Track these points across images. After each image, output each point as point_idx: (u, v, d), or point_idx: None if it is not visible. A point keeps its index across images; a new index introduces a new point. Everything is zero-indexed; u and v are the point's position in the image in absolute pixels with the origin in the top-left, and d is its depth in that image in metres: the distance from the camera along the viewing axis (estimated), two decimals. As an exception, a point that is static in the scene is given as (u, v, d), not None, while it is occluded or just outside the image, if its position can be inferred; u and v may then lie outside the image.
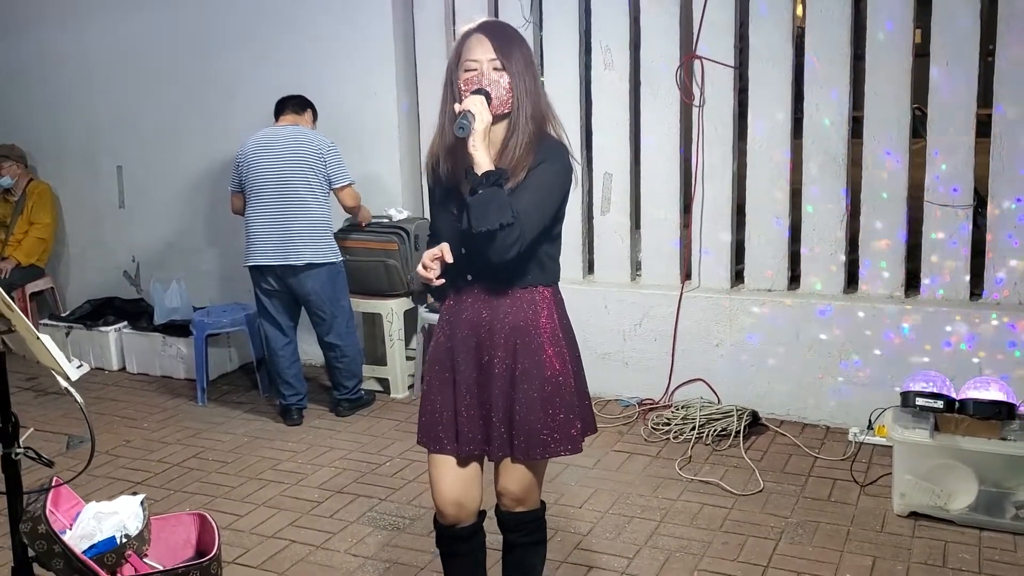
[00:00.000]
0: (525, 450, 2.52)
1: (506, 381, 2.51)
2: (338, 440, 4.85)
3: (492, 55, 2.41)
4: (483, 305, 2.54)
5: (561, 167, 2.49)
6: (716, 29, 4.79)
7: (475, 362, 2.55)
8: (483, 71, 2.41)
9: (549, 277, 2.58)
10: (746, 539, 3.66)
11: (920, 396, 3.77)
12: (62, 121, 6.75)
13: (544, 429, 2.51)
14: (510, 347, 2.51)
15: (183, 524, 3.01)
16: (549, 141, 2.51)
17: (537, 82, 2.48)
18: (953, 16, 4.33)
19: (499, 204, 2.32)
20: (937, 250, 4.54)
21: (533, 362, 2.50)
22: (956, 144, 4.41)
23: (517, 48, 2.44)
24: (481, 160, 2.35)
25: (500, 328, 2.51)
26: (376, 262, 5.29)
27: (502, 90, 2.41)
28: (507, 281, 2.51)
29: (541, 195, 2.43)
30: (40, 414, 5.30)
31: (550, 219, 2.49)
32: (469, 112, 2.34)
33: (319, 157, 4.87)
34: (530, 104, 2.45)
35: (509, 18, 5.25)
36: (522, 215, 2.36)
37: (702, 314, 4.95)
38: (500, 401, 2.52)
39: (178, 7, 6.10)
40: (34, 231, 6.57)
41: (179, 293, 5.99)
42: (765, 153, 4.80)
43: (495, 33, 2.44)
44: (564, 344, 2.57)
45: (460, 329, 2.56)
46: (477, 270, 2.51)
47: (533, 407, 2.50)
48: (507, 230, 2.33)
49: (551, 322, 2.55)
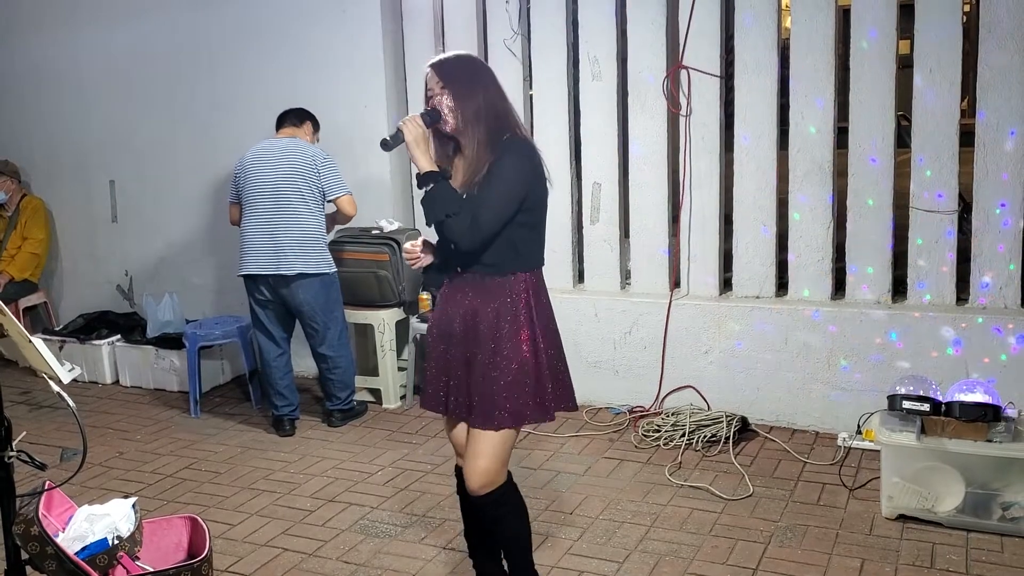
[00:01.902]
0: (477, 417, 2.84)
1: (486, 358, 2.82)
2: (330, 450, 4.87)
3: (438, 80, 2.82)
4: (470, 291, 2.87)
5: (516, 161, 2.77)
6: (702, 40, 4.85)
7: (460, 340, 2.87)
8: (435, 94, 2.83)
9: (525, 263, 2.86)
10: (735, 543, 3.69)
11: (906, 399, 3.80)
12: (55, 136, 6.79)
13: (499, 402, 2.81)
14: (491, 329, 2.82)
15: (174, 527, 3.02)
16: (509, 140, 2.80)
17: (488, 94, 2.81)
18: (935, 25, 4.39)
19: (443, 198, 2.75)
20: (923, 256, 4.58)
21: (509, 344, 2.81)
22: (940, 150, 4.46)
23: (460, 71, 2.84)
24: (420, 163, 2.79)
25: (483, 312, 2.83)
26: (367, 273, 5.33)
27: (446, 106, 2.80)
28: (488, 268, 2.83)
29: (498, 186, 2.74)
30: (34, 427, 5.31)
31: (513, 206, 2.77)
32: (398, 129, 2.80)
33: (313, 168, 4.90)
34: (476, 112, 2.78)
35: (498, 30, 5.32)
36: (477, 205, 2.72)
37: (691, 322, 4.99)
38: (476, 376, 2.84)
39: (171, 21, 6.15)
40: (27, 246, 6.59)
41: (172, 306, 6.01)
42: (752, 162, 4.85)
43: (441, 66, 2.86)
44: (538, 327, 2.86)
45: (452, 313, 2.90)
46: (462, 261, 2.86)
47: (496, 383, 2.80)
48: (455, 218, 2.73)
49: (527, 307, 2.84)
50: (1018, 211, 4.38)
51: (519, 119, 2.92)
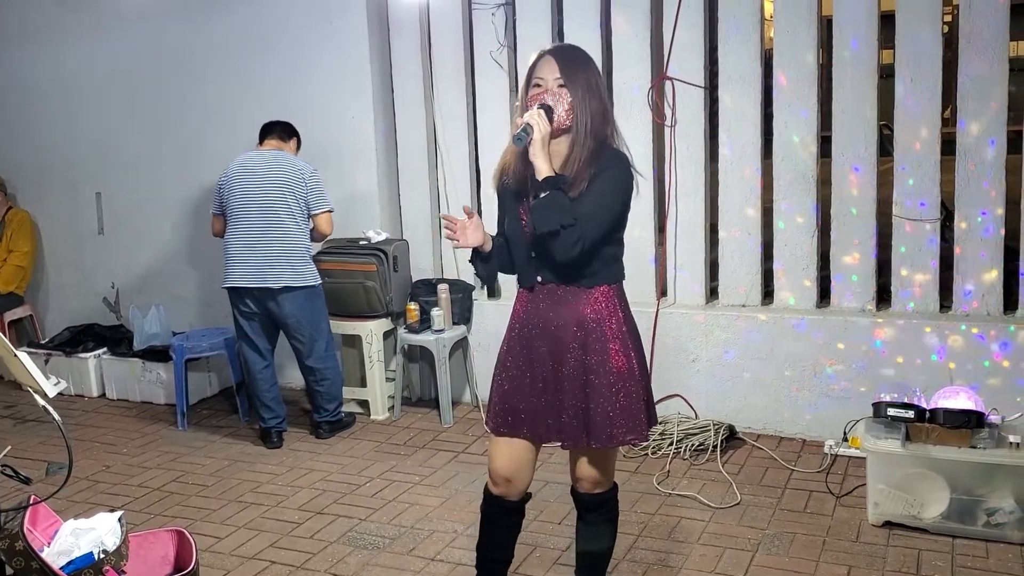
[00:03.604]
0: (597, 438, 2.72)
1: (578, 375, 2.72)
2: (318, 462, 4.86)
3: (557, 74, 2.65)
4: (553, 303, 2.75)
5: (620, 175, 2.69)
6: (686, 51, 4.88)
7: (548, 357, 2.76)
8: (548, 88, 2.65)
9: (613, 276, 2.78)
10: (723, 551, 3.70)
11: (891, 406, 3.83)
12: (41, 148, 6.77)
13: (614, 419, 2.71)
14: (579, 343, 2.72)
15: (161, 541, 3.02)
16: (610, 152, 2.70)
17: (602, 101, 2.70)
18: (916, 35, 4.43)
19: (560, 207, 2.56)
20: (907, 264, 4.62)
21: (600, 357, 2.71)
22: (922, 159, 4.50)
23: (582, 70, 2.67)
24: (542, 167, 2.58)
25: (568, 325, 2.72)
26: (355, 284, 5.33)
27: (564, 105, 2.63)
28: (574, 281, 2.72)
29: (602, 200, 2.64)
30: (19, 441, 5.28)
31: (612, 222, 2.69)
32: (528, 125, 2.57)
33: (301, 182, 4.90)
34: (591, 120, 2.65)
35: (484, 42, 5.34)
36: (584, 218, 2.58)
37: (678, 330, 5.00)
38: (571, 393, 2.73)
39: (158, 34, 6.15)
40: (13, 259, 6.57)
41: (158, 318, 5.99)
42: (736, 172, 4.88)
43: (563, 55, 2.69)
44: (628, 339, 2.76)
45: (533, 326, 2.78)
46: (546, 271, 2.73)
47: (601, 399, 2.70)
48: (568, 231, 2.56)
49: (616, 319, 2.75)
50: (999, 219, 4.42)
51: (616, 124, 2.79)
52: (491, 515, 2.99)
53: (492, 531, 3.01)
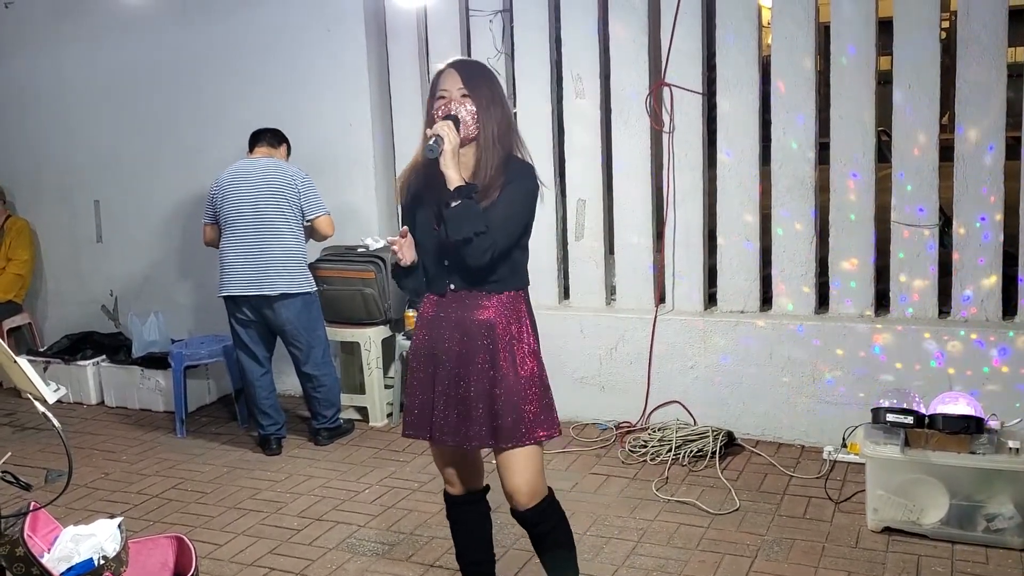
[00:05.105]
0: (506, 439, 2.76)
1: (486, 378, 2.77)
2: (317, 468, 4.86)
3: (460, 85, 2.72)
4: (463, 309, 2.81)
5: (528, 185, 2.78)
6: (684, 57, 4.89)
7: (455, 361, 2.81)
8: (453, 97, 2.72)
9: (520, 282, 2.86)
10: (722, 557, 3.70)
11: (890, 412, 3.82)
12: (39, 156, 6.78)
13: (525, 417, 2.77)
14: (487, 346, 2.77)
15: (160, 547, 3.02)
16: (516, 163, 2.80)
17: (504, 111, 2.79)
18: (914, 41, 4.44)
19: (472, 215, 2.63)
20: (905, 270, 4.62)
21: (509, 360, 2.77)
22: (921, 165, 4.51)
23: (484, 81, 2.76)
24: (452, 176, 2.65)
25: (477, 328, 2.78)
26: (353, 291, 5.33)
27: (468, 116, 2.70)
28: (484, 286, 2.79)
29: (511, 210, 2.73)
30: (19, 448, 5.28)
31: (520, 230, 2.79)
32: (439, 136, 2.63)
33: (293, 188, 4.91)
34: (496, 128, 2.74)
35: (482, 49, 5.35)
36: (495, 227, 2.67)
37: (676, 337, 5.01)
38: (479, 395, 2.78)
39: (155, 41, 6.16)
40: (11, 267, 6.57)
41: (157, 326, 6.00)
42: (735, 178, 4.89)
43: (465, 68, 2.77)
44: (535, 343, 2.85)
45: (442, 330, 2.83)
46: (457, 277, 2.80)
47: (512, 399, 2.76)
48: (480, 238, 2.64)
49: (523, 323, 2.83)
50: (998, 225, 4.43)
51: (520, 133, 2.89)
52: (449, 514, 3.09)
53: (458, 531, 3.10)
